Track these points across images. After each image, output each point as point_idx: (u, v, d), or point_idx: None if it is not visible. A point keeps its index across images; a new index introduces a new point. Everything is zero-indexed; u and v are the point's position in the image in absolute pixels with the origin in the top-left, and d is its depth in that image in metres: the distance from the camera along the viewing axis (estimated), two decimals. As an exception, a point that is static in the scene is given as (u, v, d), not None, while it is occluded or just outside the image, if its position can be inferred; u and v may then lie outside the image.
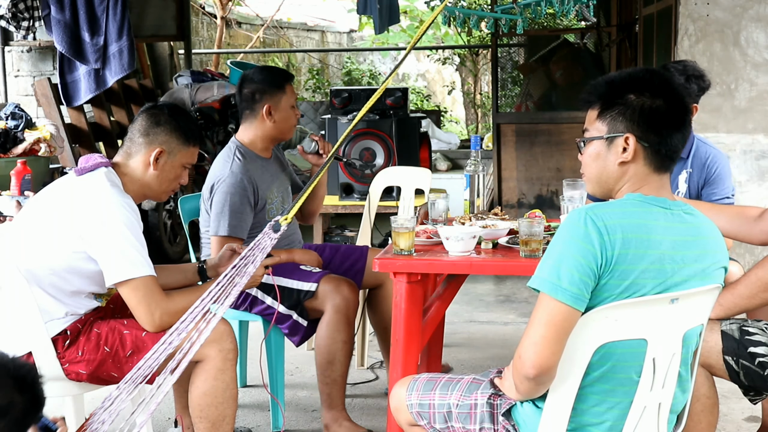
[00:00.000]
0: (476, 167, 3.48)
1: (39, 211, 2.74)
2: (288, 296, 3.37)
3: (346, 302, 3.33)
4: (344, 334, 3.34)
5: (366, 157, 5.11)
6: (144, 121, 2.82)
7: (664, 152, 2.04)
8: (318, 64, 13.66)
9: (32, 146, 5.31)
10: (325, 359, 3.35)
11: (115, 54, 5.99)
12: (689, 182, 3.50)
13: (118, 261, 2.61)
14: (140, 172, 2.80)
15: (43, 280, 2.66)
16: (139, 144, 2.80)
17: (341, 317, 3.32)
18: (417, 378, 2.35)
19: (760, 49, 5.23)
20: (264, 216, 3.49)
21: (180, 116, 2.86)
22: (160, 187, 2.83)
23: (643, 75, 2.06)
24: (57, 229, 2.65)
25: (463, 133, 12.88)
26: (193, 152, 2.88)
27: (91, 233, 2.61)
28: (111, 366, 2.69)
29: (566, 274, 1.90)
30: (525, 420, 2.08)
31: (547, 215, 3.35)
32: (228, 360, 2.72)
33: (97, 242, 2.61)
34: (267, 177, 3.54)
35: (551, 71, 8.42)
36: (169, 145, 2.80)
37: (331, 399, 3.37)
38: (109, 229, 2.61)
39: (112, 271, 2.62)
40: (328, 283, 3.36)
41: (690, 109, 2.08)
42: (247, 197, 3.40)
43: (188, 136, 2.84)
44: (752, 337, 2.46)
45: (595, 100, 2.09)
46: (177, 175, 2.85)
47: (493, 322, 5.19)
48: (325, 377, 3.36)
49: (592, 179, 2.12)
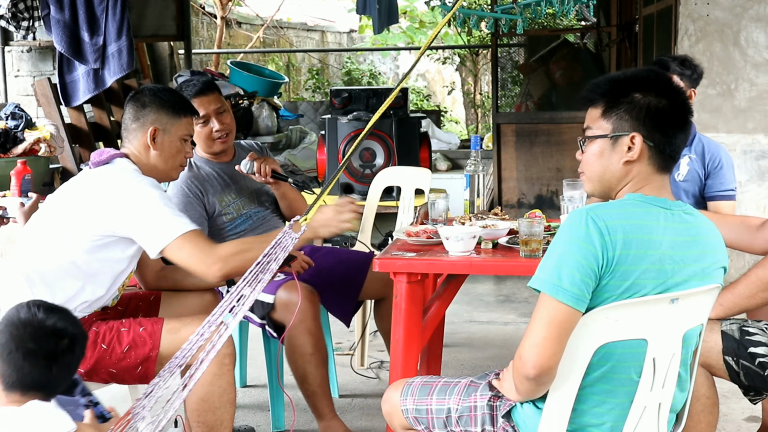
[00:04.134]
0: (476, 167, 3.48)
1: (56, 208, 2.76)
2: (256, 307, 3.34)
3: (302, 314, 3.23)
4: (308, 346, 3.26)
5: (366, 157, 5.11)
6: (131, 108, 2.87)
7: (668, 152, 2.04)
8: (318, 64, 13.65)
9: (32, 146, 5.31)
10: (297, 374, 3.32)
11: (114, 54, 5.99)
12: (691, 166, 3.52)
13: (154, 230, 2.63)
14: (144, 156, 2.84)
15: (57, 274, 2.67)
16: (134, 130, 2.85)
17: (301, 330, 3.25)
18: (411, 382, 2.33)
19: (760, 49, 5.23)
20: (222, 220, 3.46)
21: (162, 92, 2.90)
22: (166, 165, 2.87)
23: (647, 75, 2.06)
24: (78, 221, 2.67)
25: (463, 133, 12.87)
26: (188, 122, 2.91)
27: (122, 214, 2.64)
28: (108, 363, 2.69)
29: (567, 275, 1.90)
30: (525, 421, 2.08)
31: (547, 215, 3.35)
32: (224, 365, 2.70)
33: (130, 221, 2.64)
34: (220, 183, 3.51)
35: (551, 71, 8.41)
36: (161, 122, 2.84)
37: (317, 409, 3.35)
38: (138, 204, 2.65)
39: (151, 242, 2.65)
40: (285, 293, 3.29)
41: (691, 110, 2.08)
42: (192, 204, 3.38)
43: (176, 108, 2.88)
44: (752, 337, 2.46)
45: (598, 98, 2.08)
46: (179, 149, 2.88)
47: (493, 322, 5.19)
48: (304, 390, 3.34)
49: (594, 178, 2.11)
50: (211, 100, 3.49)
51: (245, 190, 3.58)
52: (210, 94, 3.49)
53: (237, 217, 3.51)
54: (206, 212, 3.45)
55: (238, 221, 3.51)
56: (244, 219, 3.53)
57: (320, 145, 5.33)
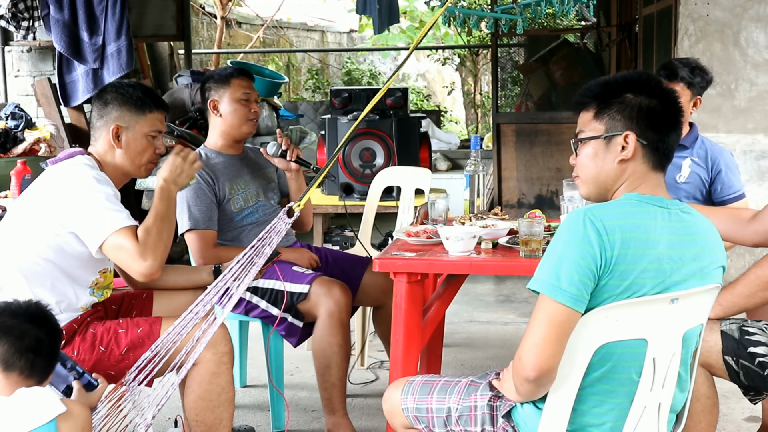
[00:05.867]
0: (476, 167, 3.48)
1: (22, 206, 2.75)
2: (281, 299, 3.36)
3: (338, 305, 3.29)
4: (339, 337, 3.30)
5: (366, 157, 5.11)
6: (95, 106, 2.85)
7: (662, 150, 2.05)
8: (318, 64, 13.65)
9: (32, 146, 5.32)
10: (321, 364, 3.33)
11: (114, 54, 5.99)
12: (693, 169, 3.52)
13: (94, 224, 2.59)
14: (109, 155, 2.81)
15: (32, 273, 2.65)
16: (99, 128, 2.83)
17: (334, 321, 3.29)
18: (412, 381, 2.33)
19: (760, 49, 5.24)
20: (230, 208, 3.50)
21: (126, 88, 2.85)
22: (132, 164, 2.82)
23: (638, 77, 2.09)
24: (38, 217, 2.66)
25: (463, 133, 12.87)
26: (153, 119, 2.84)
27: (66, 208, 2.61)
28: (107, 365, 2.68)
29: (566, 276, 1.90)
30: (525, 421, 2.08)
31: (547, 215, 3.35)
32: (223, 363, 2.69)
33: (73, 215, 2.61)
34: (231, 171, 3.56)
35: (551, 71, 8.42)
36: (124, 120, 2.80)
37: (331, 404, 3.35)
38: (80, 198, 2.61)
39: (91, 236, 2.60)
40: (320, 286, 3.33)
41: (682, 111, 2.09)
42: (203, 190, 3.42)
43: (140, 104, 2.82)
44: (752, 337, 2.46)
45: (590, 101, 2.10)
46: (144, 146, 2.82)
47: (493, 322, 5.19)
48: (323, 382, 3.34)
49: (589, 180, 2.12)
50: (252, 86, 3.63)
51: (254, 183, 3.63)
52: (252, 80, 3.65)
53: (245, 207, 3.54)
54: (216, 199, 3.48)
55: (246, 212, 3.54)
56: (252, 211, 3.56)
57: (320, 145, 5.32)
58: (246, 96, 3.57)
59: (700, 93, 3.54)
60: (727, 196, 3.55)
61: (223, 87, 3.56)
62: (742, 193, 3.58)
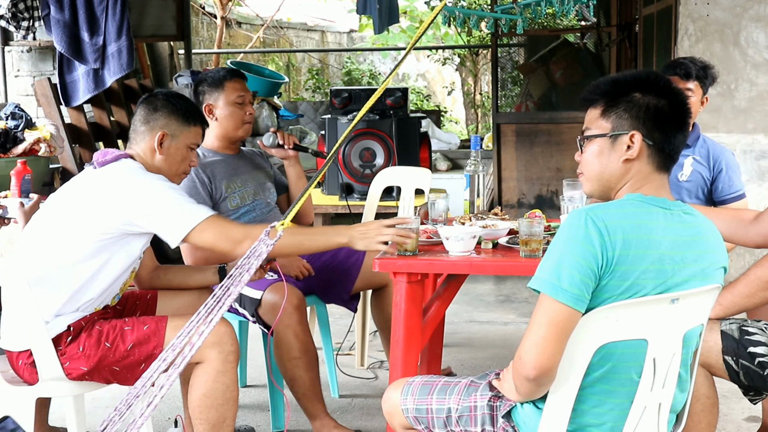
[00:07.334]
0: (476, 167, 3.48)
1: (59, 207, 2.77)
2: (245, 303, 3.35)
3: (288, 318, 3.23)
4: (295, 350, 3.25)
5: (366, 157, 5.11)
6: (143, 110, 2.88)
7: (667, 151, 2.05)
8: (318, 64, 13.65)
9: (32, 146, 5.31)
10: (285, 378, 3.32)
11: (114, 54, 5.99)
12: (695, 167, 3.53)
13: (173, 220, 2.66)
14: (149, 159, 2.86)
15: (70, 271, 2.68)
16: (142, 133, 2.86)
17: (288, 333, 3.24)
18: (411, 382, 2.33)
19: (760, 49, 5.24)
20: (226, 206, 3.50)
21: (176, 99, 2.91)
22: (170, 171, 2.88)
23: (647, 76, 2.07)
24: (83, 219, 2.68)
25: (463, 133, 12.87)
26: (197, 132, 2.93)
27: (136, 210, 2.66)
28: (112, 361, 2.70)
29: (566, 275, 1.90)
30: (525, 421, 2.08)
31: (547, 215, 3.35)
32: (228, 362, 2.71)
33: (145, 216, 2.67)
34: (228, 170, 3.56)
35: (551, 71, 8.42)
36: (170, 128, 2.86)
37: (309, 411, 3.35)
38: (153, 198, 2.67)
39: (171, 232, 2.67)
40: (271, 296, 3.28)
41: (690, 112, 2.09)
42: (197, 189, 3.43)
43: (187, 116, 2.89)
44: (752, 337, 2.46)
45: (598, 98, 2.09)
46: (184, 156, 2.90)
47: (493, 322, 5.19)
48: (294, 393, 3.34)
49: (593, 177, 2.11)
50: (246, 86, 3.62)
51: (251, 181, 3.63)
52: (245, 80, 3.64)
53: (241, 205, 3.54)
54: (211, 199, 3.48)
55: (242, 210, 3.53)
56: (248, 209, 3.56)
57: (320, 145, 5.32)
58: (241, 99, 3.56)
59: (707, 92, 3.57)
60: (728, 196, 3.55)
61: (218, 91, 3.55)
62: (742, 193, 3.59)
